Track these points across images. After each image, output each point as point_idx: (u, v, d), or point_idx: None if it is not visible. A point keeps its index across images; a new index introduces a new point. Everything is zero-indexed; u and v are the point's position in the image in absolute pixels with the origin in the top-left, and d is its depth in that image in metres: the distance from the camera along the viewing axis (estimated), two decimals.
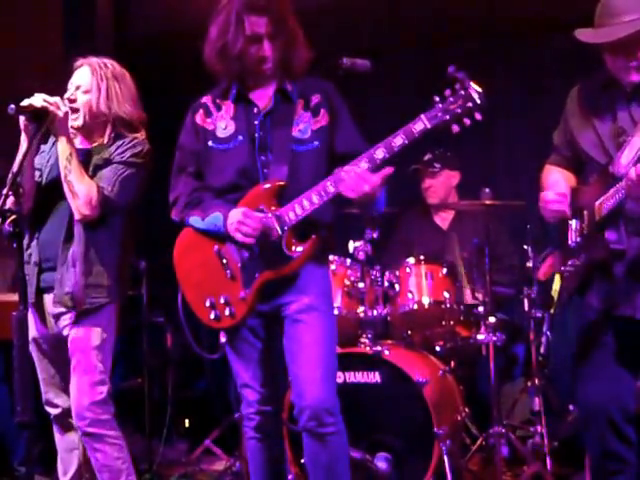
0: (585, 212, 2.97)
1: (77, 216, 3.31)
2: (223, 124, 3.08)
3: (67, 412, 3.46)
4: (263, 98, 3.08)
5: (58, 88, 3.43)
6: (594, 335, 3.00)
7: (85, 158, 3.38)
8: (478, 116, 2.84)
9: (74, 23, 5.34)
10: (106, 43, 5.56)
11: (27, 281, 3.28)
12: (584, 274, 3.00)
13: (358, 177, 2.85)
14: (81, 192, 3.28)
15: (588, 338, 3.04)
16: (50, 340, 3.45)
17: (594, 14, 2.95)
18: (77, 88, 3.41)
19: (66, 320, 3.37)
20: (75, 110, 3.40)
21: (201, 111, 3.13)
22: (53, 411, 3.50)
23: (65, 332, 3.38)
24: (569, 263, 3.02)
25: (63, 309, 3.36)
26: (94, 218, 3.32)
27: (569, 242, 3.04)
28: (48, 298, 3.40)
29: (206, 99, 3.15)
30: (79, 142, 3.47)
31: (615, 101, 2.97)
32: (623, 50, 2.85)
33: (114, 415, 3.38)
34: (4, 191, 2.98)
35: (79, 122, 3.42)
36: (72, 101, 3.38)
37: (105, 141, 3.43)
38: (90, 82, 3.40)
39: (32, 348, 3.42)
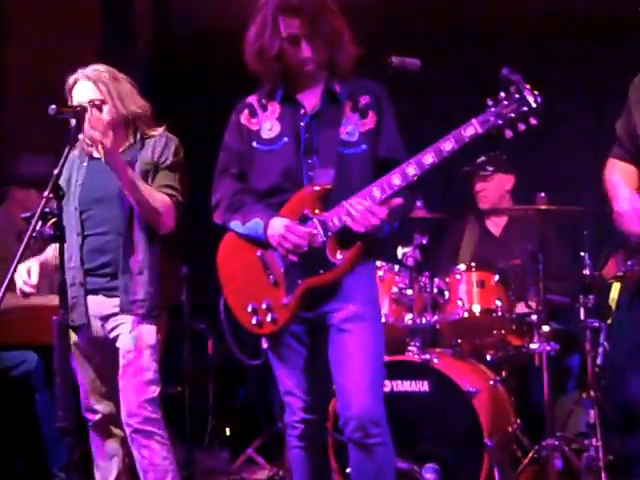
0: None
1: (163, 230, 3.36)
2: (268, 125, 3.02)
3: (107, 418, 3.45)
4: (310, 99, 3.02)
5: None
6: None
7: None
8: (534, 121, 2.74)
9: (112, 22, 5.34)
10: (145, 42, 5.55)
11: (76, 301, 3.34)
12: None
13: (367, 212, 2.81)
14: (160, 207, 3.31)
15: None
16: (93, 343, 3.43)
17: None
18: (93, 104, 3.33)
19: (117, 321, 3.35)
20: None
21: (246, 111, 3.07)
22: (93, 417, 3.47)
23: (114, 333, 3.36)
24: (629, 263, 2.90)
25: (115, 310, 3.35)
26: (173, 229, 3.39)
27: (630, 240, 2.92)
28: (93, 300, 3.38)
29: (252, 99, 3.09)
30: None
31: None
32: None
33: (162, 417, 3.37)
34: (45, 193, 2.96)
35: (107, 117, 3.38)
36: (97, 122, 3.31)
37: (132, 141, 3.42)
38: (100, 93, 3.35)
39: (72, 353, 3.39)
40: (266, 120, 3.03)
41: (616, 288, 3.04)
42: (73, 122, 3.12)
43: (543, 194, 4.21)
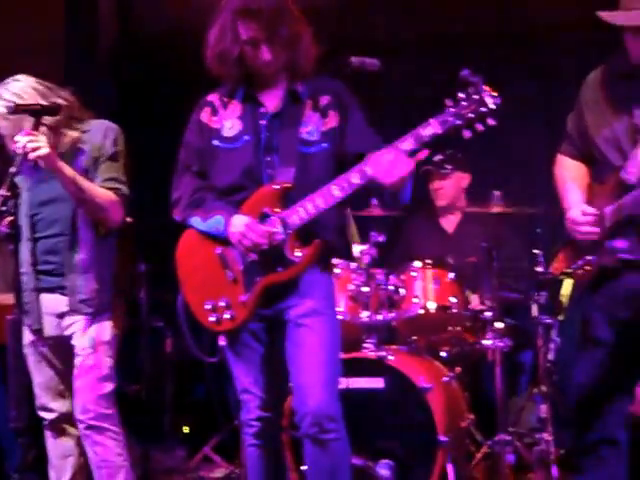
0: (598, 213, 2.85)
1: (110, 225, 3.34)
2: (229, 123, 3.03)
3: (62, 417, 3.44)
4: (272, 99, 3.03)
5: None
6: (596, 333, 2.92)
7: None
8: (491, 122, 2.76)
9: (76, 22, 5.28)
10: (108, 40, 5.49)
11: (30, 307, 3.34)
12: (594, 275, 2.90)
13: (395, 160, 2.76)
14: (105, 203, 3.29)
15: (587, 335, 2.96)
16: (50, 342, 3.41)
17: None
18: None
19: (72, 319, 3.34)
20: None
21: (207, 109, 3.07)
22: (48, 416, 3.45)
23: (69, 331, 3.35)
24: (579, 263, 2.93)
25: (67, 309, 3.34)
26: (122, 222, 3.36)
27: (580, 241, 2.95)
28: (50, 298, 3.37)
29: (213, 97, 3.09)
30: None
31: (632, 95, 2.82)
32: None
33: (117, 413, 3.37)
34: (1, 192, 2.93)
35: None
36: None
37: (70, 141, 3.36)
38: (15, 121, 3.24)
39: (28, 351, 3.40)
40: (227, 118, 3.03)
41: (568, 285, 3.07)
42: (31, 120, 3.11)
43: (498, 192, 4.26)
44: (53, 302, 3.37)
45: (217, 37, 2.96)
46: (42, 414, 3.45)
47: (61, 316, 3.37)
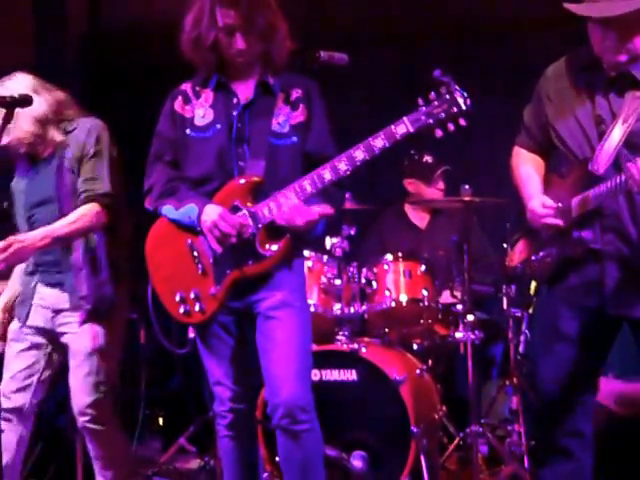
0: (559, 205, 2.86)
1: (103, 230, 3.34)
2: (201, 112, 3.03)
3: (15, 410, 3.41)
4: (244, 89, 3.04)
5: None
6: (561, 327, 2.92)
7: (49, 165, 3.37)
8: (463, 122, 2.80)
9: (45, 14, 5.26)
10: (78, 32, 5.47)
11: (24, 298, 3.41)
12: (556, 266, 2.92)
13: (293, 208, 2.84)
14: (90, 223, 3.29)
15: (553, 327, 2.96)
16: (37, 334, 3.42)
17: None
18: None
19: (67, 318, 3.36)
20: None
21: (180, 98, 3.08)
22: (4, 404, 3.42)
23: (63, 329, 3.37)
24: (540, 255, 2.95)
25: (66, 306, 3.34)
26: (112, 219, 3.33)
27: (541, 233, 2.95)
28: (50, 293, 3.38)
29: (186, 86, 3.10)
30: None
31: (594, 86, 2.83)
32: (616, 29, 2.69)
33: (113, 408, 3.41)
34: None
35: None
36: None
37: (58, 140, 3.36)
38: None
39: (12, 340, 3.44)
40: (199, 107, 3.04)
41: None
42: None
43: (467, 186, 4.28)
44: (53, 297, 3.38)
45: (193, 22, 2.97)
46: (1, 399, 3.43)
47: (57, 312, 3.38)
